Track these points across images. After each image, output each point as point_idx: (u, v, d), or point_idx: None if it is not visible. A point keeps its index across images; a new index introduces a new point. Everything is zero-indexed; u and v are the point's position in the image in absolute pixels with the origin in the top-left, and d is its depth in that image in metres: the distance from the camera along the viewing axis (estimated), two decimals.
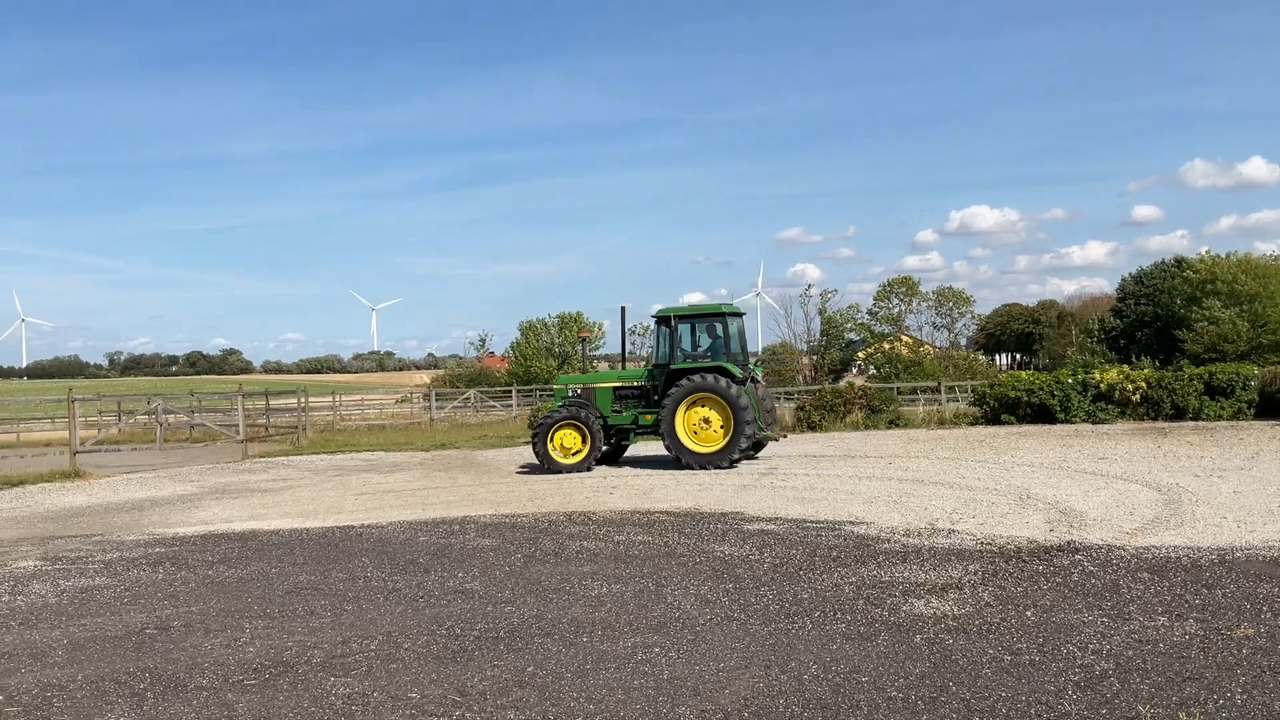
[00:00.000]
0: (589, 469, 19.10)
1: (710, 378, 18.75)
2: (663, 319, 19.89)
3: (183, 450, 29.26)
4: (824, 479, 16.78)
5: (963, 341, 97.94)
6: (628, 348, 22.88)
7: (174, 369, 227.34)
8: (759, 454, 20.25)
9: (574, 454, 19.13)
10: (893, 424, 28.62)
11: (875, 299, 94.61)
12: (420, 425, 38.24)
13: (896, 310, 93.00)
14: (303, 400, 35.08)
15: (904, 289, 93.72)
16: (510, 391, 50.33)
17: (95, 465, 24.00)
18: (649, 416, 19.49)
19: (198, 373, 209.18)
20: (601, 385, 20.17)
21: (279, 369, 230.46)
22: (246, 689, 6.51)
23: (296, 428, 33.23)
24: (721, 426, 18.73)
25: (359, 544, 11.98)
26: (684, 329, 19.59)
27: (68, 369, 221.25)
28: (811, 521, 12.47)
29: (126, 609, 8.93)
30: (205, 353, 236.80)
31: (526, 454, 20.73)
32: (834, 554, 10.30)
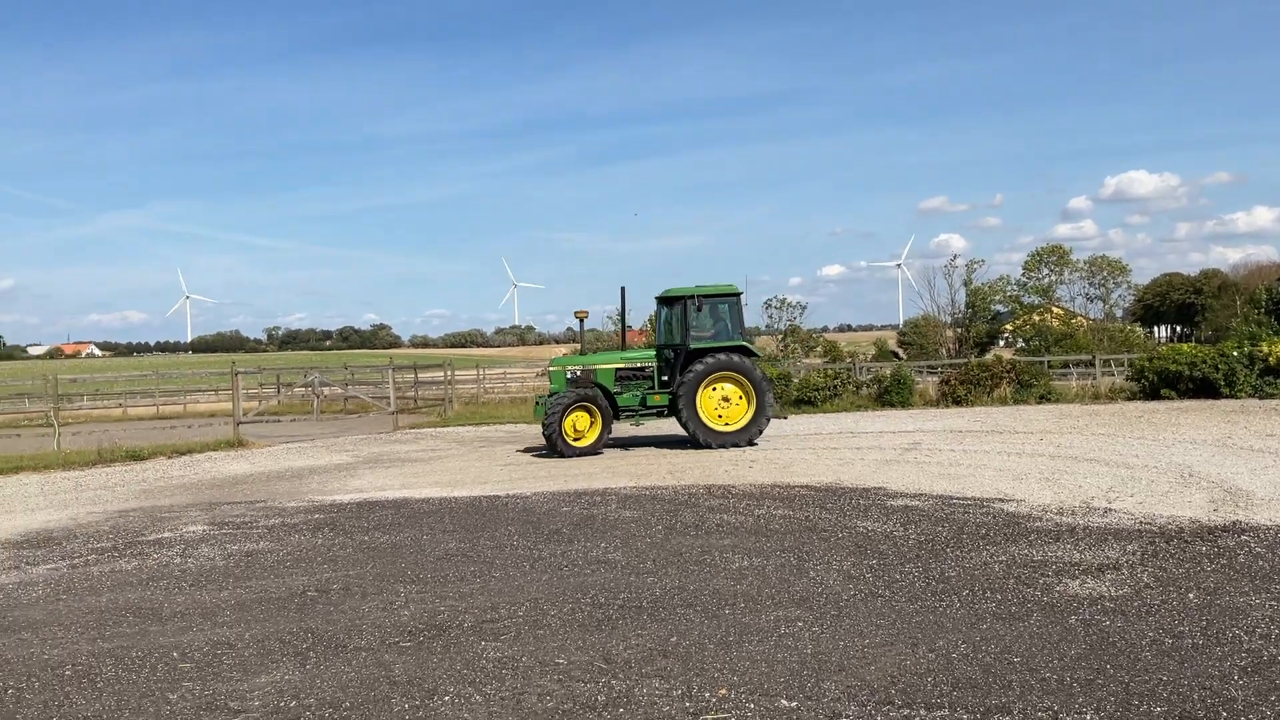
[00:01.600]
0: (599, 451, 18.62)
1: (734, 357, 18.74)
2: (669, 300, 19.68)
3: (337, 421, 30.50)
4: (970, 455, 16.37)
5: (1118, 313, 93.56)
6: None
7: (328, 343, 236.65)
8: None
9: (585, 437, 18.56)
10: (1043, 399, 27.68)
11: (1024, 269, 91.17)
12: None
13: (1047, 281, 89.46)
14: (449, 374, 36.03)
15: (1055, 258, 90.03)
16: None
17: (257, 435, 25.22)
18: (658, 396, 19.22)
19: (350, 347, 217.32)
20: (603, 366, 19.58)
21: (425, 343, 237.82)
22: (403, 650, 6.76)
23: (443, 400, 34.20)
24: (743, 405, 18.76)
25: (505, 513, 12.28)
26: (693, 310, 19.20)
27: (229, 343, 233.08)
28: (958, 498, 12.19)
29: (289, 572, 9.38)
30: (357, 327, 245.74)
31: (668, 426, 20.67)
32: (982, 531, 10.05)
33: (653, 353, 19.90)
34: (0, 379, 59.21)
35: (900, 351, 78.78)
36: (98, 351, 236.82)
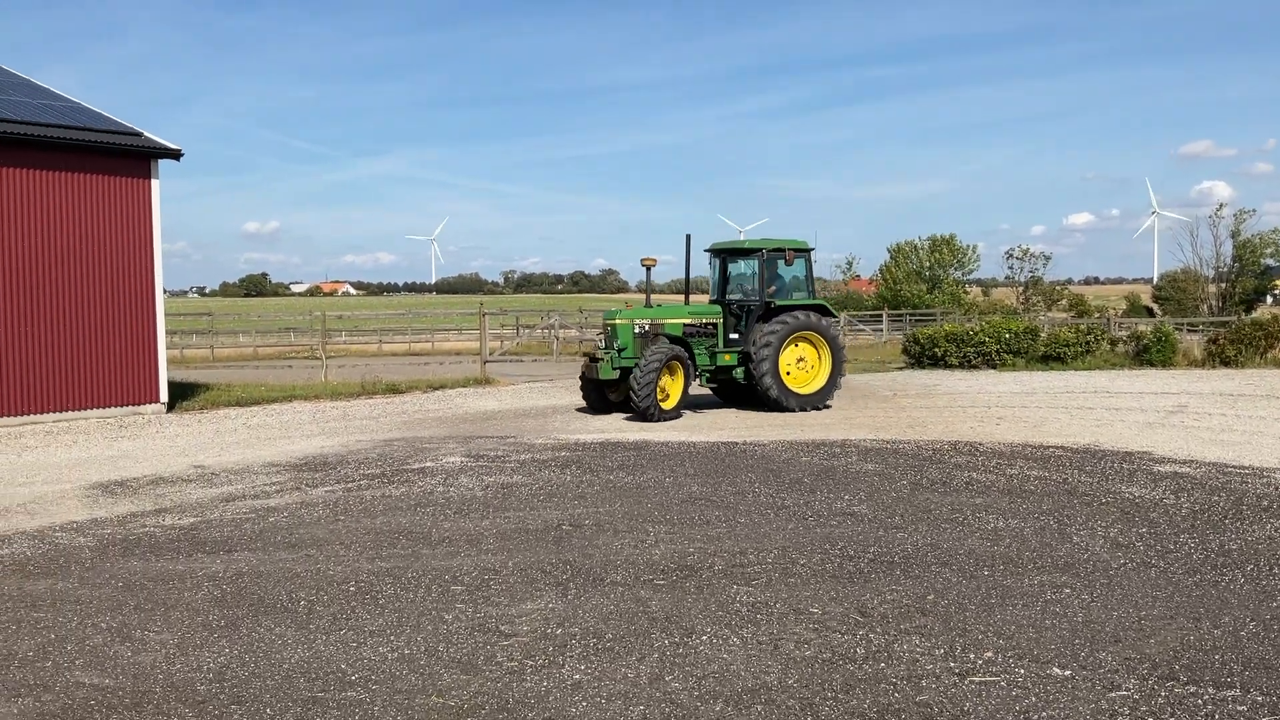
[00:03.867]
0: (680, 414, 17.27)
1: (813, 316, 17.81)
2: (739, 252, 18.76)
3: (575, 363, 31.41)
4: (1244, 420, 15.13)
5: None
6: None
7: (559, 287, 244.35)
8: None
9: (669, 398, 17.07)
10: None
11: None
12: None
13: None
14: None
15: None
16: (880, 315, 49.63)
17: (501, 373, 26.37)
18: (728, 356, 18.01)
19: (580, 291, 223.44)
20: (672, 320, 18.17)
21: (652, 289, 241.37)
22: (657, 588, 6.92)
23: None
24: (818, 366, 17.97)
25: (743, 460, 12.33)
26: (768, 266, 18.05)
27: (469, 285, 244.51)
28: (1234, 466, 11.31)
29: (542, 505, 9.76)
30: (586, 272, 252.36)
31: (901, 379, 20.08)
32: (1264, 503, 9.28)
33: (718, 308, 18.73)
34: (269, 313, 64.50)
35: (1154, 307, 73.75)
36: (352, 290, 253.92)
